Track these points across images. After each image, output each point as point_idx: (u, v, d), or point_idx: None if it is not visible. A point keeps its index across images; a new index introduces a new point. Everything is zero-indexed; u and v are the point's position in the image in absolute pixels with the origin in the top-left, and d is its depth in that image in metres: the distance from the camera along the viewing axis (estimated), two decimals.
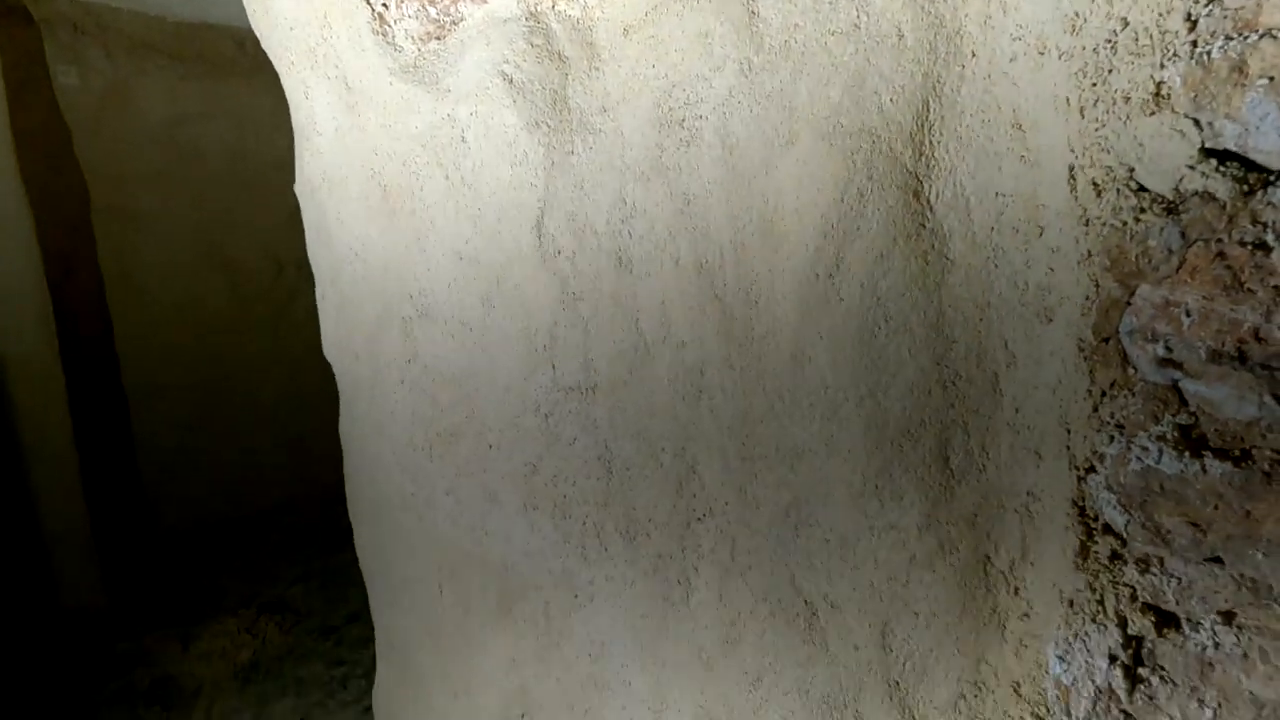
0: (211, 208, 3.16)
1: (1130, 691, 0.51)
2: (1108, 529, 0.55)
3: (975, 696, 0.70)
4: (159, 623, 2.59)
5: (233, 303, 3.28)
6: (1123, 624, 0.52)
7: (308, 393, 3.50)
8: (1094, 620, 0.53)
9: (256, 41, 3.12)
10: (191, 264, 3.14)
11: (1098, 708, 0.53)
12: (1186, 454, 0.47)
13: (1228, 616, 0.48)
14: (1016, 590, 0.65)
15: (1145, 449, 0.49)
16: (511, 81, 0.86)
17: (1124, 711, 0.52)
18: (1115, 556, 0.54)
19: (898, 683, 0.75)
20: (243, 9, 2.73)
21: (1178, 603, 0.50)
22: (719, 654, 0.88)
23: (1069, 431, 0.58)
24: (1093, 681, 0.53)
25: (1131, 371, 0.52)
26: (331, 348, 1.43)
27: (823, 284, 0.69)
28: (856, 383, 0.70)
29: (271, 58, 1.25)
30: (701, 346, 0.81)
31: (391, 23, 0.97)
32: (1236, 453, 0.46)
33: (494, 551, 1.16)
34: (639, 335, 0.86)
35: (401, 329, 1.19)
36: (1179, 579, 0.50)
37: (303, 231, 3.55)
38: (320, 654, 2.45)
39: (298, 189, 1.37)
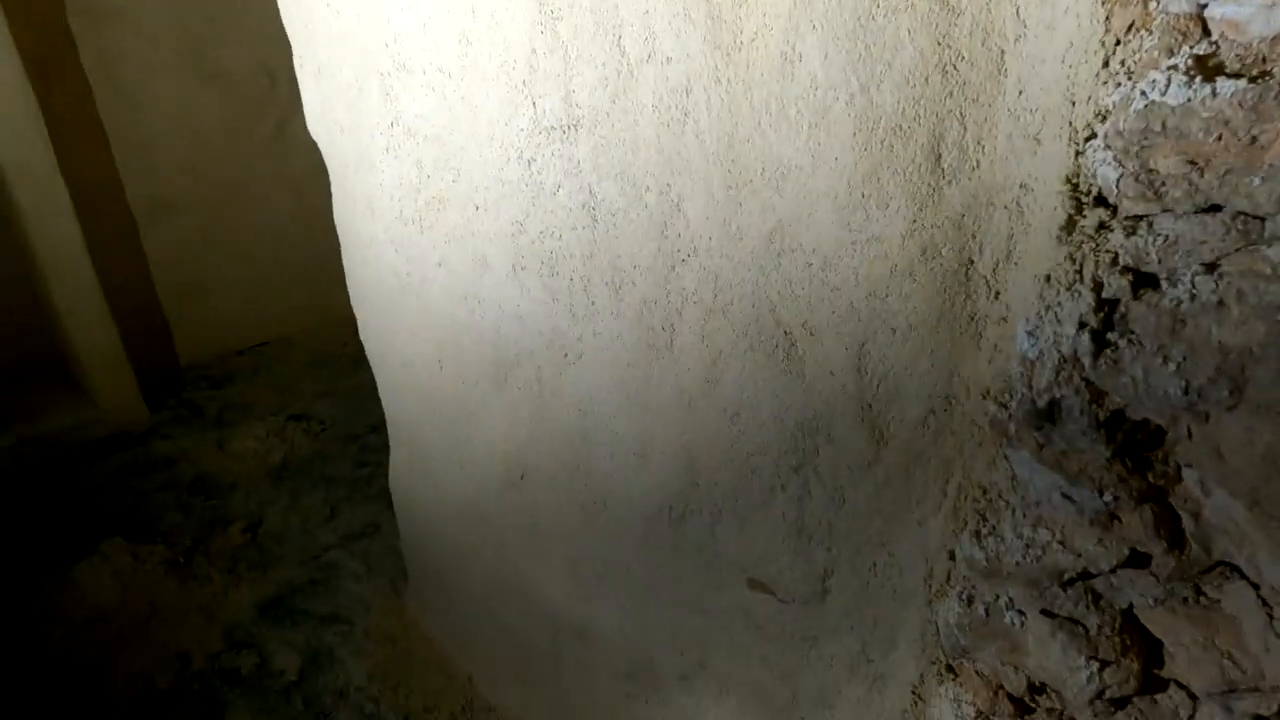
0: (201, 13, 2.96)
1: (1095, 356, 0.50)
2: (1099, 200, 0.51)
3: (944, 411, 0.71)
4: (194, 433, 2.76)
5: (227, 117, 3.15)
6: (1098, 289, 0.50)
7: (317, 214, 3.46)
8: (1068, 289, 0.51)
9: None
10: (179, 72, 2.99)
11: (1060, 377, 0.52)
12: (1198, 79, 0.43)
13: (1210, 267, 0.46)
14: (997, 294, 0.64)
15: (1153, 83, 0.44)
16: None
17: (1085, 378, 0.52)
18: (1102, 226, 0.51)
19: (870, 405, 0.76)
20: None
21: (1160, 261, 0.47)
22: (700, 394, 0.90)
23: (1073, 103, 0.53)
24: (1059, 351, 0.52)
25: (1153, 5, 0.46)
26: (315, 122, 1.37)
27: None
28: (848, 78, 0.64)
29: None
30: (687, 61, 0.75)
31: None
32: (1254, 73, 0.41)
33: (487, 320, 1.17)
34: (622, 55, 0.79)
35: (380, 87, 1.13)
36: (1165, 236, 0.47)
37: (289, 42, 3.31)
38: (345, 457, 2.61)
39: None
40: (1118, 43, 0.49)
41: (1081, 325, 0.50)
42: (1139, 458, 0.53)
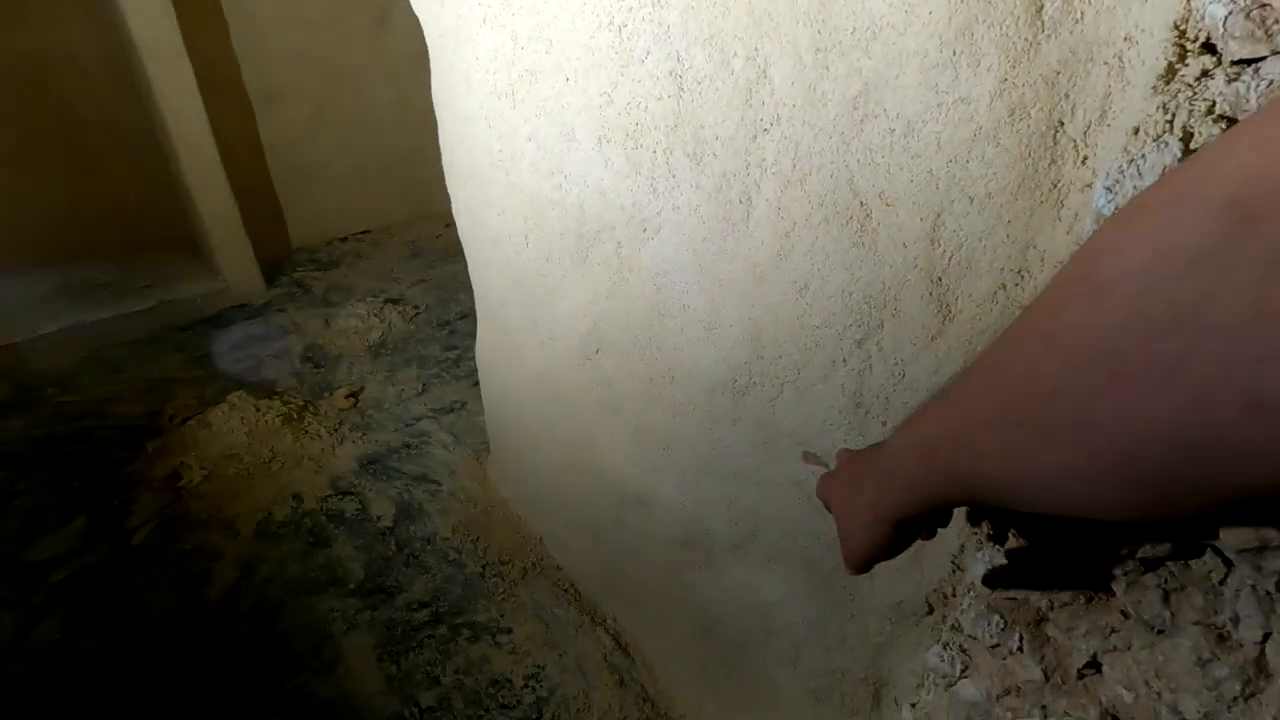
0: None
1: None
2: (1206, 48, 0.49)
3: (1015, 285, 0.71)
4: (304, 309, 3.00)
5: (332, 5, 3.23)
6: (1187, 139, 0.48)
7: (414, 104, 3.55)
8: (1155, 140, 0.49)
9: None
10: None
11: None
12: None
13: None
14: (1085, 159, 0.62)
15: None
16: None
17: None
18: (1204, 75, 0.48)
19: (940, 278, 0.76)
20: None
21: (1261, 107, 0.45)
22: (770, 267, 0.92)
23: None
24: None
25: None
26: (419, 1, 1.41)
27: None
28: None
29: None
30: None
31: None
32: None
33: (571, 195, 1.21)
34: None
35: None
36: (1271, 80, 0.45)
37: None
38: (437, 340, 2.79)
39: None
40: None
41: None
42: None
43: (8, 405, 2.40)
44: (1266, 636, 0.49)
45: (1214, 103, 0.48)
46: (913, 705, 0.79)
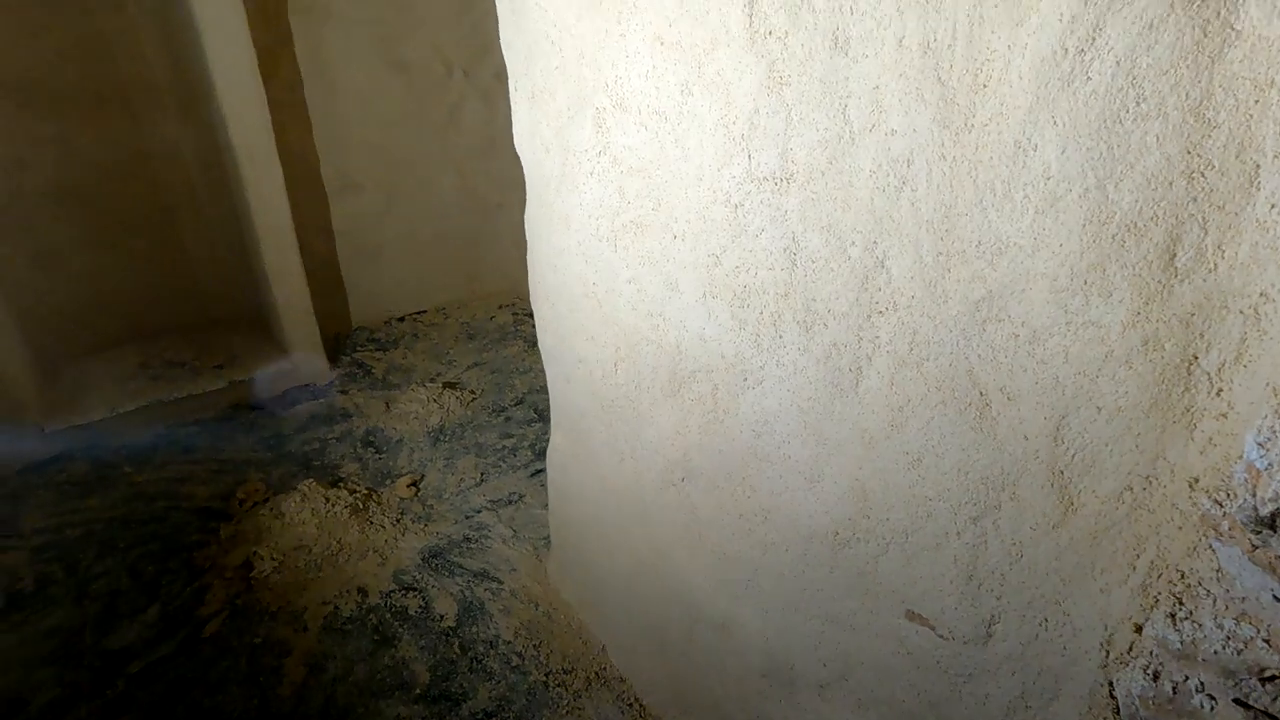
0: (390, 7, 3.23)
1: None
2: None
3: (1144, 490, 0.74)
4: (364, 391, 3.09)
5: (407, 102, 3.44)
6: None
7: (477, 194, 3.73)
8: None
9: None
10: (370, 62, 3.29)
11: None
12: None
13: None
14: (1219, 391, 0.66)
15: None
16: None
17: None
18: None
19: (1062, 471, 0.79)
20: None
21: None
22: (882, 435, 0.96)
23: None
24: None
25: None
26: (522, 139, 1.52)
27: (1070, 61, 0.65)
28: (1085, 173, 0.67)
29: None
30: (913, 135, 0.80)
31: None
32: None
33: (669, 336, 1.28)
34: (845, 123, 0.85)
35: (594, 120, 1.24)
36: None
37: (469, 35, 3.59)
38: (494, 427, 2.85)
39: None
40: None
41: None
42: None
43: (87, 483, 2.49)
44: None
45: None
46: None
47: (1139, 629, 0.72)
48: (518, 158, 3.70)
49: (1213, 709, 0.64)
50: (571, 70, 1.25)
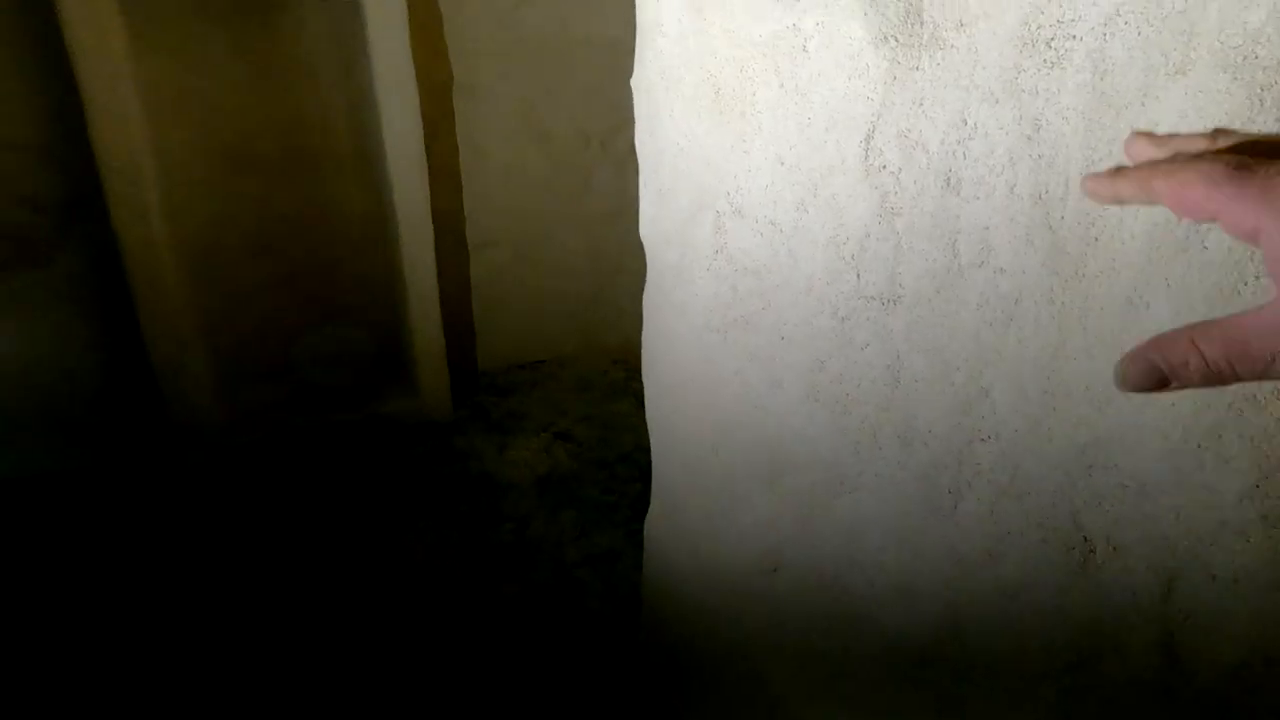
0: (537, 84, 3.55)
1: None
2: None
3: (1264, 669, 0.69)
4: (481, 434, 3.31)
5: (546, 170, 3.73)
6: None
7: (603, 254, 3.95)
8: None
9: None
10: (516, 134, 3.62)
11: None
12: None
13: None
14: None
15: None
16: None
17: None
18: None
19: (1173, 634, 0.76)
20: None
21: None
22: (978, 562, 0.95)
23: None
24: None
25: None
26: (647, 230, 1.64)
27: (1184, 228, 0.66)
28: None
29: None
30: (1021, 276, 0.81)
31: None
32: None
33: (769, 429, 1.31)
34: (954, 256, 0.88)
35: (713, 222, 1.33)
36: None
37: (608, 110, 3.84)
38: (597, 482, 2.96)
39: (635, 83, 1.53)
40: None
41: None
42: None
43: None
44: None
45: None
46: None
47: None
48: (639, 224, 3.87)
49: None
50: (696, 175, 1.35)
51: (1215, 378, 0.38)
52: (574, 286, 4.00)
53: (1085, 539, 0.81)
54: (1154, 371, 0.40)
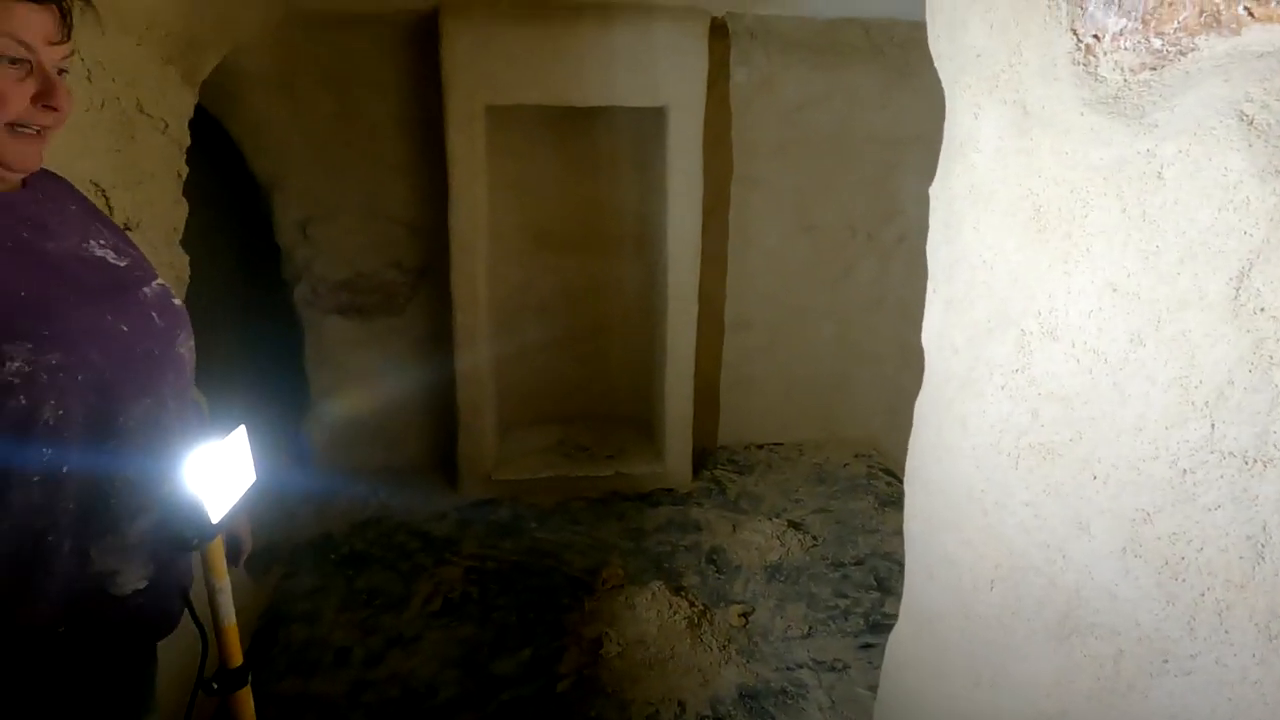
0: (811, 177, 3.67)
1: None
2: None
3: None
4: (716, 509, 3.36)
5: (808, 258, 3.79)
6: None
7: (855, 345, 3.87)
8: None
9: (881, 29, 3.39)
10: (785, 223, 3.74)
11: None
12: None
13: None
14: None
15: None
16: (1251, 123, 0.80)
17: None
18: None
19: None
20: (884, 3, 2.99)
21: None
22: None
23: None
24: None
25: None
26: (931, 336, 1.59)
27: None
28: None
29: (944, 78, 1.40)
30: None
31: (1099, 54, 0.98)
32: None
33: (1066, 577, 1.17)
34: None
35: (1017, 340, 1.25)
36: None
37: (878, 202, 3.84)
38: (829, 581, 2.82)
39: (934, 191, 1.52)
40: None
41: None
42: None
43: (504, 527, 3.18)
44: None
45: None
46: None
47: None
48: (900, 315, 3.76)
49: None
50: (999, 290, 1.30)
51: None
52: (821, 374, 3.96)
53: None
54: None
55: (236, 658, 1.10)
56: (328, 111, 3.11)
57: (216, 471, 0.97)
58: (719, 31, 3.20)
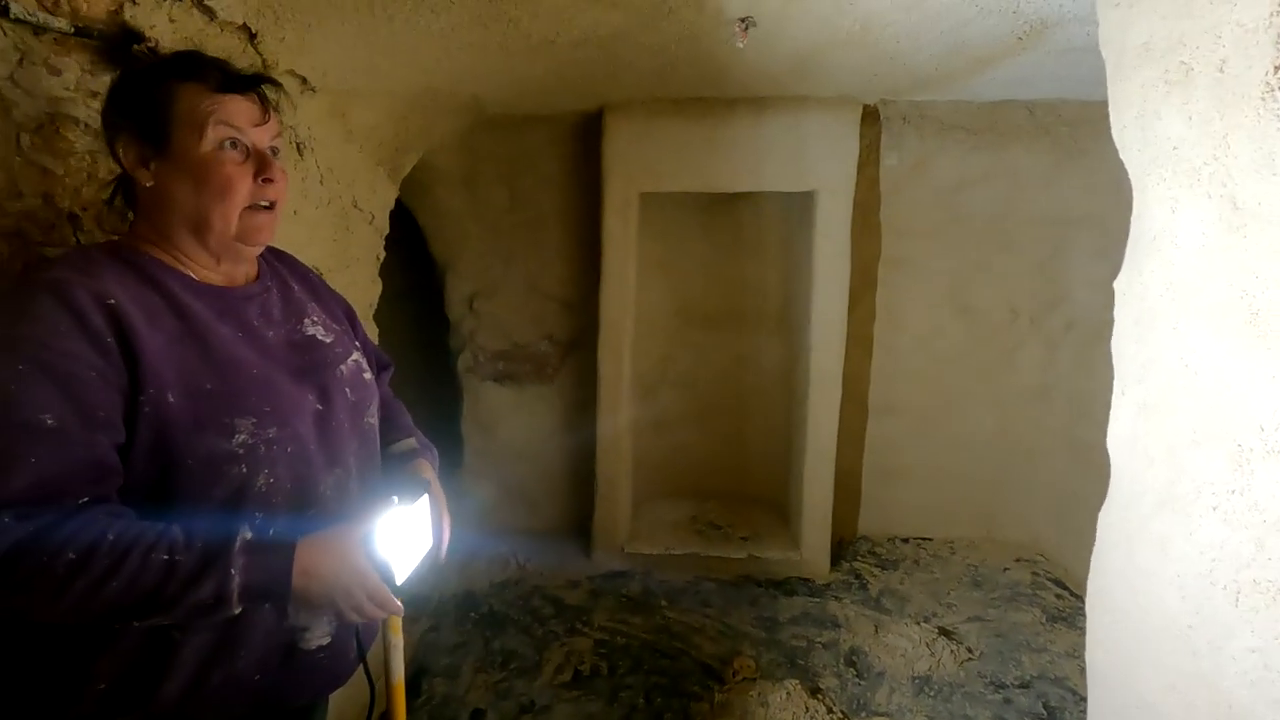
0: (967, 259, 3.51)
1: None
2: None
3: None
4: (856, 605, 3.15)
5: (964, 341, 3.59)
6: None
7: (1017, 438, 3.56)
8: None
9: (1048, 108, 3.25)
10: (938, 304, 3.58)
11: None
12: None
13: None
14: None
15: None
16: None
17: None
18: None
19: None
20: (1044, 81, 2.87)
21: None
22: None
23: None
24: None
25: None
26: (1118, 442, 1.44)
27: None
28: None
29: (1133, 170, 1.32)
30: None
31: None
32: None
33: None
34: None
35: (1232, 457, 1.11)
36: None
37: (1043, 285, 3.59)
38: (988, 704, 2.52)
39: (1120, 286, 1.40)
40: None
41: None
42: None
43: (635, 602, 3.17)
44: None
45: None
46: None
47: None
48: (1071, 409, 3.42)
49: None
50: (1207, 398, 1.16)
51: None
52: (978, 466, 3.66)
53: None
54: None
55: (401, 714, 1.16)
56: (500, 201, 3.45)
57: (403, 536, 1.06)
58: (870, 116, 3.22)
